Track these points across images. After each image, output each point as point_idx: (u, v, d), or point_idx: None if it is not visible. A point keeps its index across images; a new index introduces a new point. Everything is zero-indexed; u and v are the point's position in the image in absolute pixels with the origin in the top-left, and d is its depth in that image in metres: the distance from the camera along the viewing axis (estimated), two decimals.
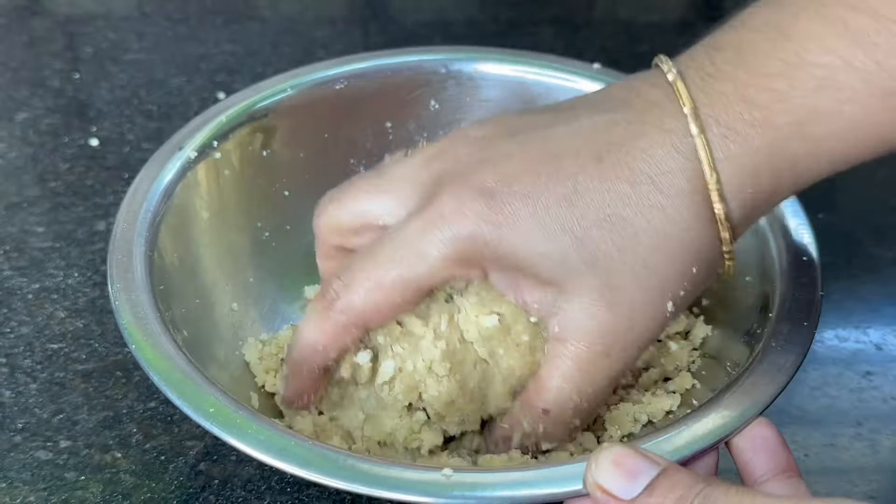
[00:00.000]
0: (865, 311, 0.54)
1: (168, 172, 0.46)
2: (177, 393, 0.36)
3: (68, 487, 0.43)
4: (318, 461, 0.34)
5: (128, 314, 0.39)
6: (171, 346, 0.38)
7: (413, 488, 0.33)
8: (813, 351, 0.40)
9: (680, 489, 0.30)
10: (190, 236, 0.46)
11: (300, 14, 0.77)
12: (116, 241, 0.42)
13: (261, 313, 0.48)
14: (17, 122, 0.65)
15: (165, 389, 0.36)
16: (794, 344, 0.39)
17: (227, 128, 0.49)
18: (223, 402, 0.36)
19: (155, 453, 0.45)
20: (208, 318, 0.45)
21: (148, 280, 0.41)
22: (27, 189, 0.59)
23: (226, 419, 0.35)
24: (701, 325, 0.46)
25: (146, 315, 0.39)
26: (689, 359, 0.45)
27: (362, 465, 0.34)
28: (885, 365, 0.51)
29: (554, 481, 0.34)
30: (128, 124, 0.64)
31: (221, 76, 0.69)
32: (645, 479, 0.30)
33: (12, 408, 0.47)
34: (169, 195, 0.45)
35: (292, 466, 0.34)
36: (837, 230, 0.58)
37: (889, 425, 0.48)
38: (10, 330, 0.51)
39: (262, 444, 0.35)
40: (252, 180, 0.49)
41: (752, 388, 0.37)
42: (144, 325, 0.39)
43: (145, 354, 0.38)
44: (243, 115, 0.49)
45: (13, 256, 0.55)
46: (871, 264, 0.57)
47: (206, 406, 0.36)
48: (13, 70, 0.69)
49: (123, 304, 0.39)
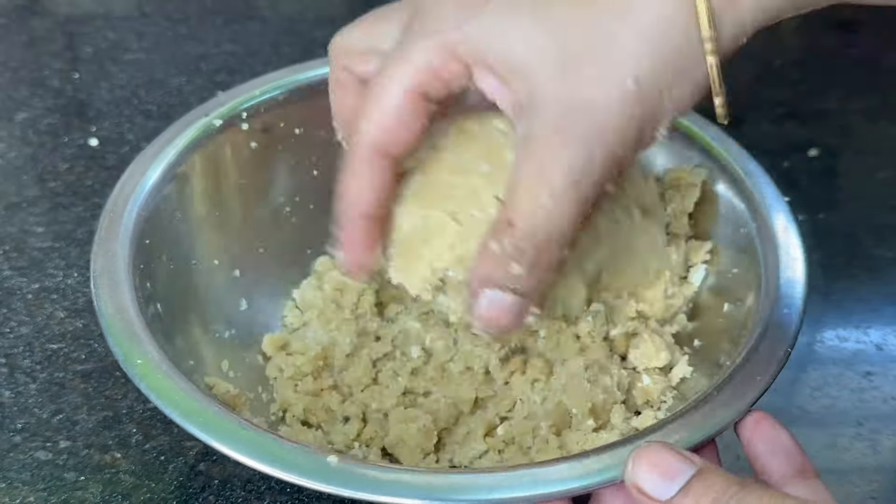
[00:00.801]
0: (865, 311, 0.54)
1: (185, 138, 0.47)
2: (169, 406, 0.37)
3: (68, 488, 0.43)
4: (304, 464, 0.34)
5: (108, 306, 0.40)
6: (155, 351, 0.38)
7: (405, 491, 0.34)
8: (813, 351, 0.40)
9: (714, 491, 0.31)
10: (192, 202, 0.47)
11: (300, 14, 0.77)
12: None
13: (267, 280, 0.50)
14: (17, 122, 0.65)
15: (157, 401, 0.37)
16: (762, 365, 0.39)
17: (259, 101, 0.49)
18: (203, 402, 0.37)
19: (155, 453, 0.45)
20: (200, 279, 0.46)
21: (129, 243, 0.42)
22: (27, 189, 0.59)
23: (208, 421, 0.36)
24: (683, 365, 0.45)
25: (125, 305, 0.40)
26: (660, 396, 0.44)
27: (356, 469, 0.34)
28: (886, 365, 0.51)
29: (542, 483, 0.34)
30: (127, 124, 0.64)
31: (221, 76, 0.69)
32: (681, 479, 0.32)
33: (12, 408, 0.47)
34: (184, 159, 0.46)
35: (285, 473, 0.34)
36: (837, 230, 0.58)
37: (890, 425, 0.48)
38: (10, 330, 0.51)
39: (254, 451, 0.35)
40: (280, 155, 0.50)
41: (710, 412, 0.37)
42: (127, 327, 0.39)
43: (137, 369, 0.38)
44: (280, 90, 0.50)
45: (13, 256, 0.55)
46: (871, 264, 0.57)
47: (189, 408, 0.36)
48: (13, 70, 0.69)
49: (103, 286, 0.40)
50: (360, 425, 0.44)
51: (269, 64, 0.70)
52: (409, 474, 0.35)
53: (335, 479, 0.34)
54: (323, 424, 0.45)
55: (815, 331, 0.52)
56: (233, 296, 0.48)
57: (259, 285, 0.49)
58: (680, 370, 0.45)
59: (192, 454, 0.45)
